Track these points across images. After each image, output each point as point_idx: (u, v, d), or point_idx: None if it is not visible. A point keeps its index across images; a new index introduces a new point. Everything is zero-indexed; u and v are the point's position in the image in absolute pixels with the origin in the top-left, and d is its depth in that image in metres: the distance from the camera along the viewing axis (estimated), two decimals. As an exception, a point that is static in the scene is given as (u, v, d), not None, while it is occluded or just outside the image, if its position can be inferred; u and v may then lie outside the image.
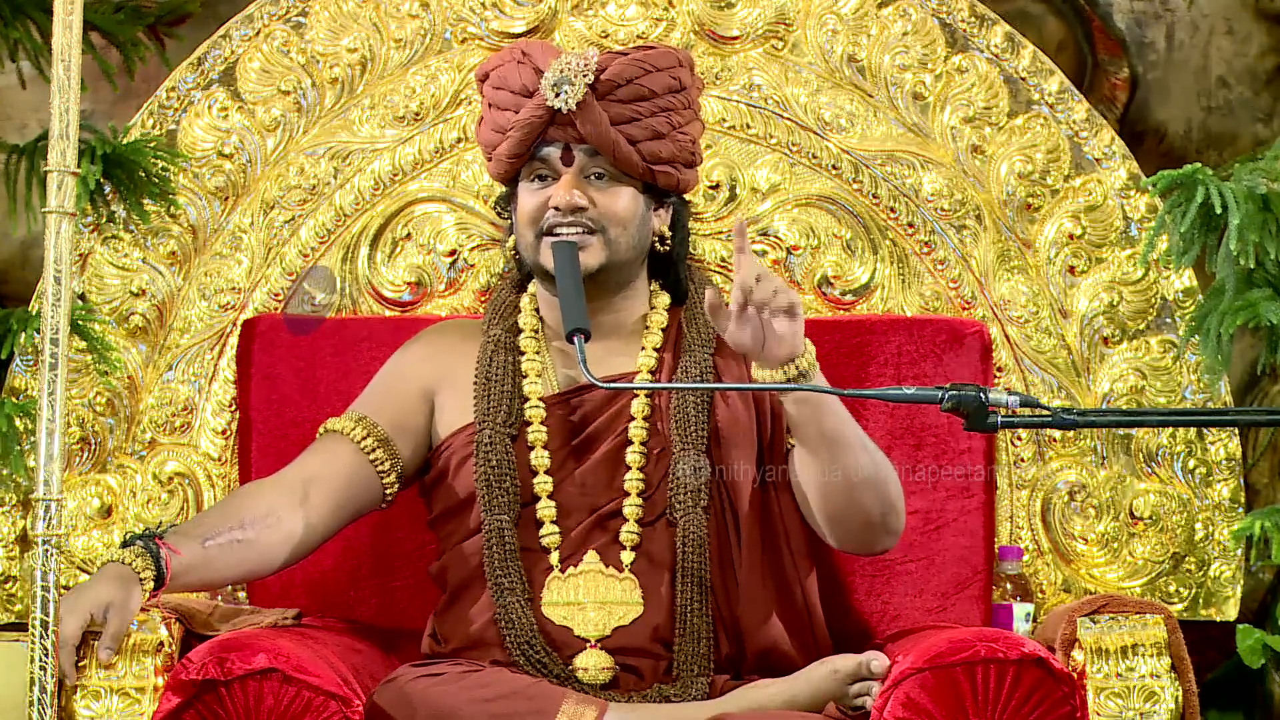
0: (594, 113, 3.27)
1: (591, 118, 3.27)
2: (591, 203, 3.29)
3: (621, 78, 3.29)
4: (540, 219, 3.30)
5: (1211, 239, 3.46)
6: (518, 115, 3.29)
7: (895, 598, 3.59)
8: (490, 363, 3.34)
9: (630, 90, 3.29)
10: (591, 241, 3.29)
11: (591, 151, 3.30)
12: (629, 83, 3.29)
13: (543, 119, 3.28)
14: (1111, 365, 3.72)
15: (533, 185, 3.32)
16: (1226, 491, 3.70)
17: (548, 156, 3.31)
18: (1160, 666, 3.03)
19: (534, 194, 3.32)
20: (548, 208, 3.29)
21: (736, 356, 3.35)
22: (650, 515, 3.27)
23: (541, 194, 3.31)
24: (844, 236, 3.73)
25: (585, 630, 3.22)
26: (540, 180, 3.32)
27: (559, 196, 3.28)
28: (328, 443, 3.33)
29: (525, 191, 3.33)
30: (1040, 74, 3.76)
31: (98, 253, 3.71)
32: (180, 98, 3.74)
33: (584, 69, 3.27)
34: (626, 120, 3.29)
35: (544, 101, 3.27)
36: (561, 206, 3.28)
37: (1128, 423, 3.49)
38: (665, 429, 3.30)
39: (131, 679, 3.00)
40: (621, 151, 3.29)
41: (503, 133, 3.32)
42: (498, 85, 3.33)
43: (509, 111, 3.31)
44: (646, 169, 3.32)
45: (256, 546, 3.20)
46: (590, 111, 3.27)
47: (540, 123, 3.28)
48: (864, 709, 3.07)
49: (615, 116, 3.28)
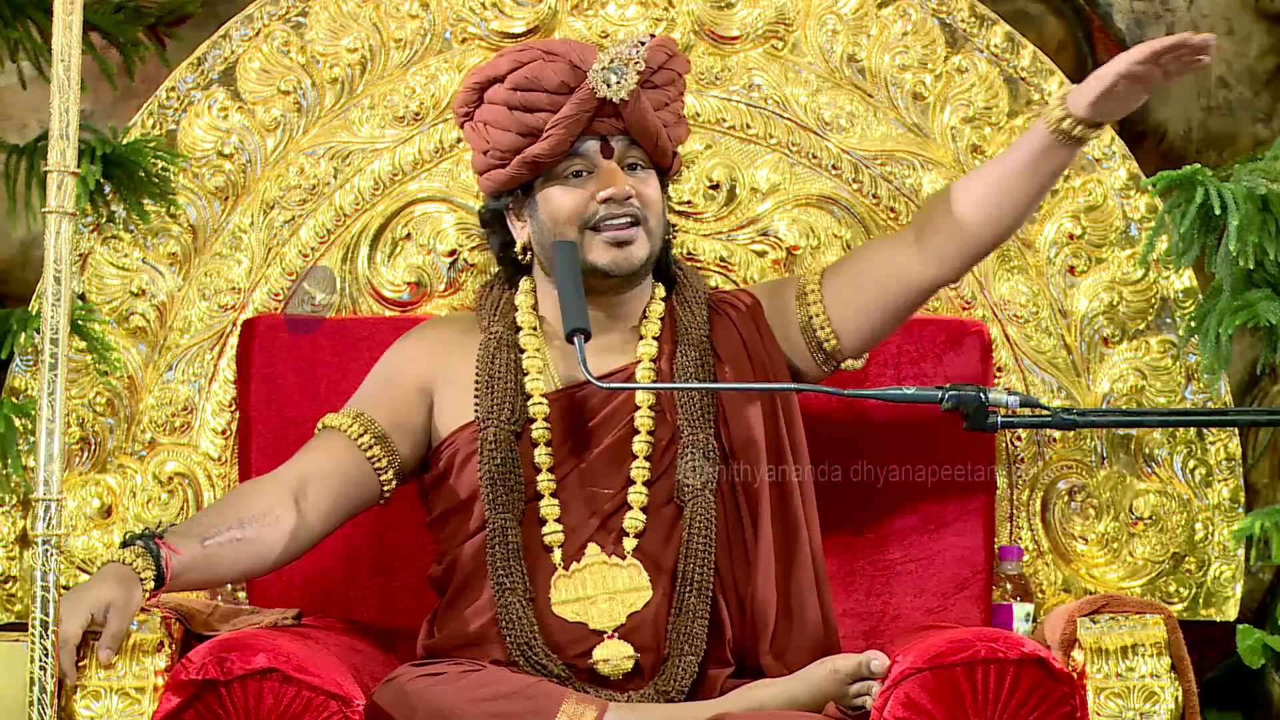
0: (640, 101, 3.26)
1: (639, 107, 3.26)
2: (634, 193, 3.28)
3: (655, 63, 3.28)
4: (584, 215, 3.28)
5: (1211, 239, 3.46)
6: (559, 113, 3.25)
7: (895, 598, 3.59)
8: (492, 360, 3.34)
9: (664, 75, 3.29)
10: (638, 234, 3.29)
11: (628, 141, 3.29)
12: (661, 67, 3.29)
13: (590, 113, 3.26)
14: (1111, 365, 3.72)
15: (566, 184, 3.30)
16: (1226, 491, 3.70)
17: (588, 151, 3.29)
18: (1160, 666, 3.03)
19: (571, 191, 3.29)
20: (591, 202, 3.28)
21: (725, 326, 3.37)
22: (656, 502, 3.26)
23: (582, 190, 3.29)
24: (844, 236, 3.73)
25: (600, 623, 3.22)
26: (574, 177, 3.30)
27: (613, 188, 3.26)
28: (325, 439, 3.33)
29: (559, 191, 3.30)
30: (1040, 74, 3.76)
31: (98, 253, 3.71)
32: (180, 98, 3.74)
33: (635, 58, 3.24)
34: (661, 106, 3.30)
35: (592, 94, 3.24)
36: (617, 197, 3.26)
37: (1128, 423, 3.49)
38: (671, 416, 3.30)
39: (131, 679, 3.00)
40: (662, 140, 3.29)
41: (533, 134, 3.27)
42: (525, 86, 3.28)
43: (542, 112, 3.26)
44: (672, 154, 3.32)
45: (255, 544, 3.20)
46: (637, 100, 3.26)
47: (587, 117, 3.25)
48: (864, 709, 3.07)
49: (654, 102, 3.28)
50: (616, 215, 3.27)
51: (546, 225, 3.31)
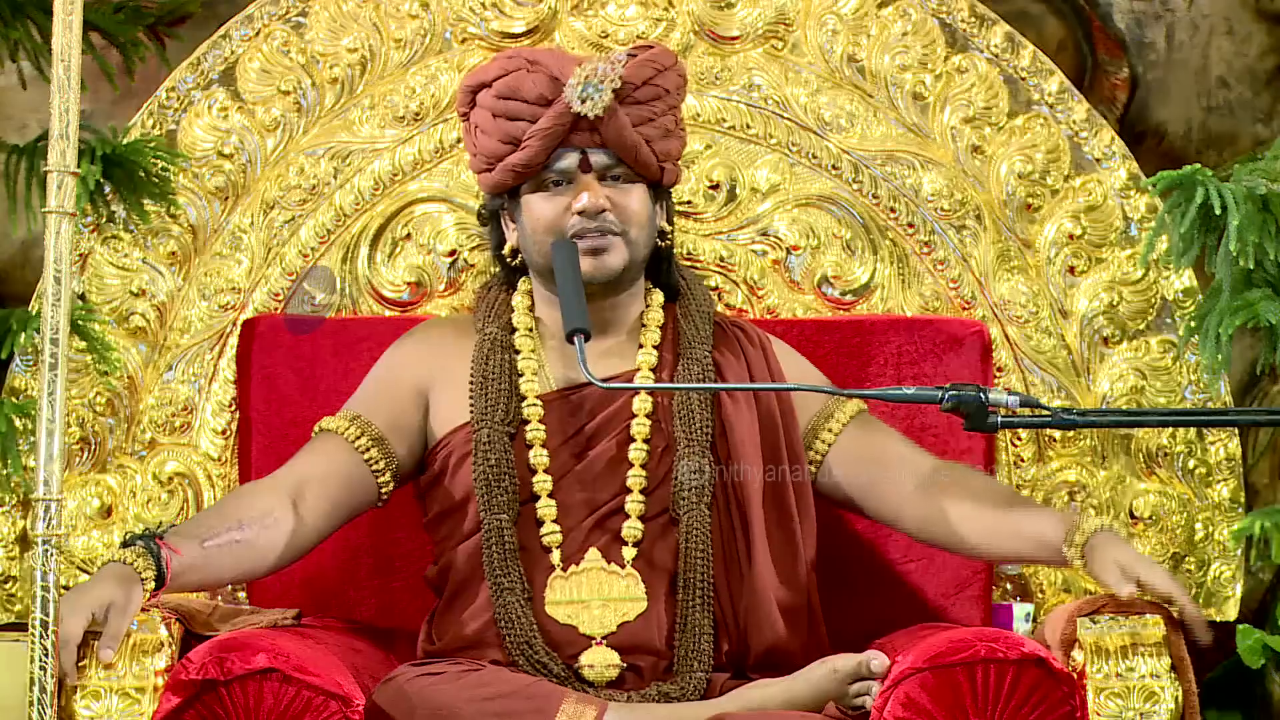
0: (618, 117, 3.27)
1: (615, 122, 3.26)
2: (612, 205, 3.29)
3: (638, 79, 3.28)
4: (560, 226, 3.29)
5: (1211, 239, 3.46)
6: (536, 124, 3.27)
7: (895, 598, 3.59)
8: (487, 361, 3.34)
9: (647, 91, 3.29)
10: (615, 243, 3.29)
11: (608, 154, 3.29)
12: (645, 83, 3.29)
13: (565, 127, 3.27)
14: (1111, 365, 3.72)
15: (547, 193, 3.31)
16: (1226, 491, 3.70)
17: (567, 164, 3.30)
18: (1160, 666, 3.03)
19: (549, 200, 3.31)
20: (568, 214, 3.28)
21: (735, 352, 3.37)
22: (653, 512, 3.27)
23: (559, 200, 3.30)
24: (844, 236, 3.73)
25: (591, 628, 3.22)
26: (554, 186, 3.31)
27: (586, 201, 3.27)
28: (322, 442, 3.33)
29: (539, 200, 3.31)
30: (1040, 74, 3.76)
31: (98, 253, 3.71)
32: (180, 98, 3.74)
33: (610, 75, 3.25)
34: (644, 121, 3.29)
35: (568, 109, 3.25)
36: (589, 210, 3.27)
37: (1128, 423, 3.49)
38: (668, 426, 3.30)
39: (131, 679, 3.00)
40: (643, 154, 3.29)
41: (513, 143, 3.29)
42: (506, 95, 3.30)
43: (522, 121, 3.28)
44: (659, 168, 3.32)
45: (254, 547, 3.20)
46: (614, 116, 3.26)
47: (563, 130, 3.27)
48: (864, 708, 3.07)
49: (635, 118, 3.28)
50: (590, 229, 3.28)
51: (528, 231, 3.32)
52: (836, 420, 3.37)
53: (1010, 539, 3.24)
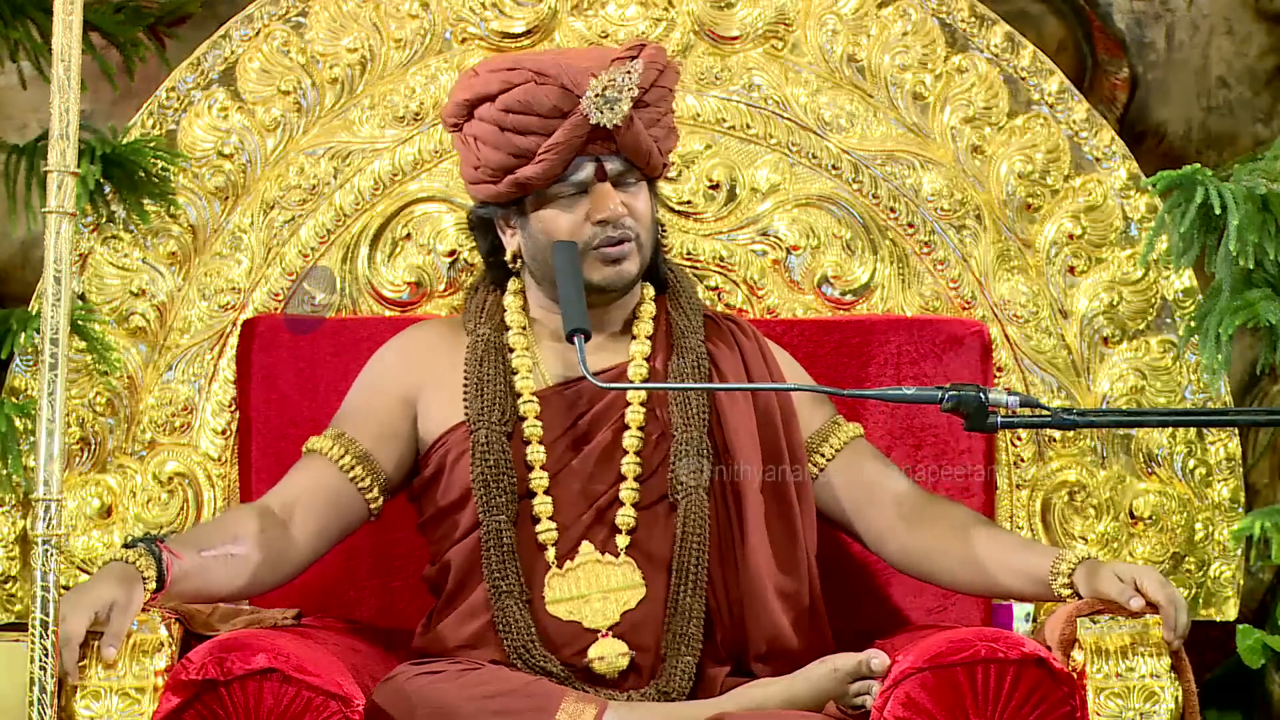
0: (634, 124, 3.26)
1: (632, 130, 3.25)
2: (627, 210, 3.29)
3: (647, 82, 3.27)
4: (580, 236, 3.26)
5: (1211, 239, 3.46)
6: (552, 138, 3.23)
7: (895, 598, 3.60)
8: (481, 363, 3.33)
9: (655, 93, 3.29)
10: (630, 250, 3.29)
11: (623, 160, 3.28)
12: (652, 86, 3.28)
13: (582, 139, 3.24)
14: (1111, 365, 3.72)
15: (562, 202, 3.28)
16: (1226, 491, 3.70)
17: (582, 174, 3.27)
18: (1160, 666, 3.03)
19: (567, 212, 3.28)
20: (587, 225, 3.27)
21: (729, 344, 3.37)
22: (648, 499, 3.27)
23: (576, 211, 3.28)
24: (844, 236, 3.73)
25: (595, 621, 3.22)
26: (568, 197, 3.28)
27: (609, 210, 3.26)
28: (309, 463, 3.33)
29: (556, 212, 3.27)
30: (1040, 74, 3.76)
31: (98, 253, 3.71)
32: (180, 98, 3.74)
33: (628, 85, 3.23)
34: (653, 123, 3.29)
35: (585, 120, 3.23)
36: (612, 220, 3.26)
37: (1128, 423, 3.49)
38: (664, 413, 3.30)
39: (131, 679, 3.00)
40: (655, 157, 3.29)
41: (523, 156, 3.26)
42: (517, 109, 3.25)
43: (534, 135, 3.25)
44: (663, 166, 3.33)
45: (248, 563, 3.20)
46: (631, 123, 3.25)
47: (580, 142, 3.24)
48: (864, 708, 3.07)
49: (646, 122, 3.28)
50: (614, 239, 3.27)
51: (542, 242, 3.30)
52: (830, 446, 3.37)
53: (995, 575, 3.26)
